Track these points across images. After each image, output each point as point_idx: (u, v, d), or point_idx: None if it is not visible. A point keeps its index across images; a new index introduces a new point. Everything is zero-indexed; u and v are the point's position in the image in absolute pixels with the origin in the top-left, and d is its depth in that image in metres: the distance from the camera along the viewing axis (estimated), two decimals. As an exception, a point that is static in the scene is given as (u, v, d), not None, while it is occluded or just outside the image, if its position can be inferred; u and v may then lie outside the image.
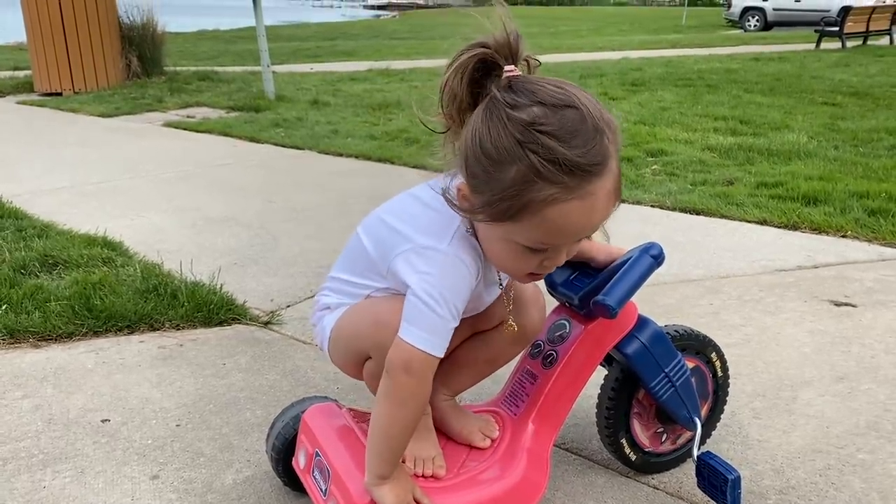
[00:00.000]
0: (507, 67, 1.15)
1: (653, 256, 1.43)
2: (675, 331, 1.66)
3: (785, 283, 2.82)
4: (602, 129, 1.10)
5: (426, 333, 1.21)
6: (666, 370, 1.55)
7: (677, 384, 1.56)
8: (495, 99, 1.12)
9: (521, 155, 1.08)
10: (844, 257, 3.09)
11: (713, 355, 1.71)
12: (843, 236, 3.34)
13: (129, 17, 9.15)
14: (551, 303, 1.57)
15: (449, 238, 1.23)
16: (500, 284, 1.40)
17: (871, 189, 3.86)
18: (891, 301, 2.63)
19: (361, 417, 1.48)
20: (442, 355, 1.23)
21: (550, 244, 1.17)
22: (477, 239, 1.25)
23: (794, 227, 3.47)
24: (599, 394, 1.63)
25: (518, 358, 1.59)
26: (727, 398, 1.76)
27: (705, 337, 1.70)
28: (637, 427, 1.64)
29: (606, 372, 1.63)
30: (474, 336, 1.55)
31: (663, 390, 1.56)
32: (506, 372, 1.63)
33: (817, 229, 3.43)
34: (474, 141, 1.13)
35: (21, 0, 8.51)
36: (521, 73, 1.17)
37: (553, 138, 1.07)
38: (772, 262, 3.03)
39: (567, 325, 1.53)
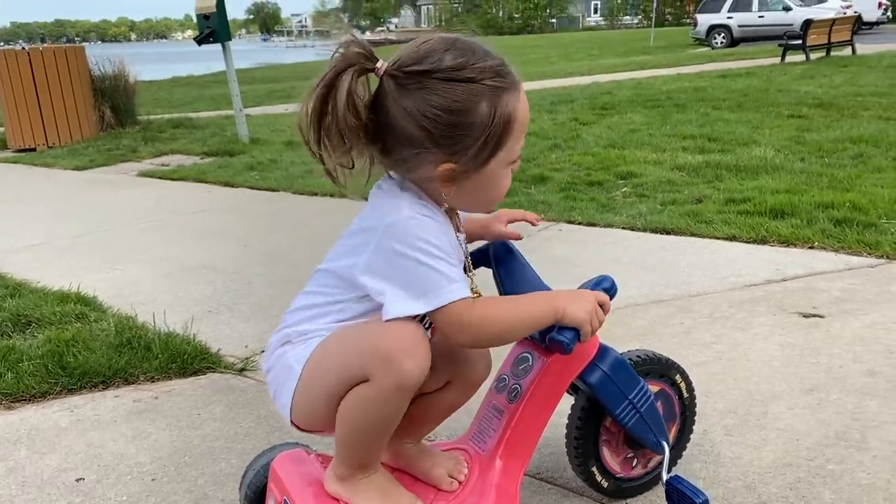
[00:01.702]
0: (378, 65, 1.23)
1: (605, 290, 1.45)
2: (638, 356, 1.69)
3: (754, 297, 2.86)
4: (479, 42, 1.28)
5: (449, 286, 1.23)
6: (630, 397, 1.57)
7: (642, 410, 1.58)
8: (410, 76, 1.21)
9: (480, 88, 1.21)
10: (812, 269, 3.14)
11: (677, 377, 1.73)
12: (810, 248, 3.40)
13: (100, 69, 9.21)
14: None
15: (405, 206, 1.26)
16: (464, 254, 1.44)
17: (835, 199, 3.93)
18: (858, 310, 2.67)
19: (328, 462, 1.48)
20: (468, 293, 1.26)
21: (520, 146, 1.30)
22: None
23: (763, 242, 3.52)
24: (567, 423, 1.65)
25: (483, 393, 1.61)
26: (695, 418, 1.78)
27: (668, 359, 1.72)
28: (607, 454, 1.66)
29: (573, 401, 1.65)
30: (423, 396, 1.53)
31: (629, 417, 1.57)
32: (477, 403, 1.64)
33: (785, 242, 3.48)
34: (421, 114, 1.20)
35: (-10, 58, 8.57)
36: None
37: (479, 59, 1.22)
38: (741, 278, 3.07)
39: (530, 357, 1.55)
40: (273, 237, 4.16)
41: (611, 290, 1.45)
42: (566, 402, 1.61)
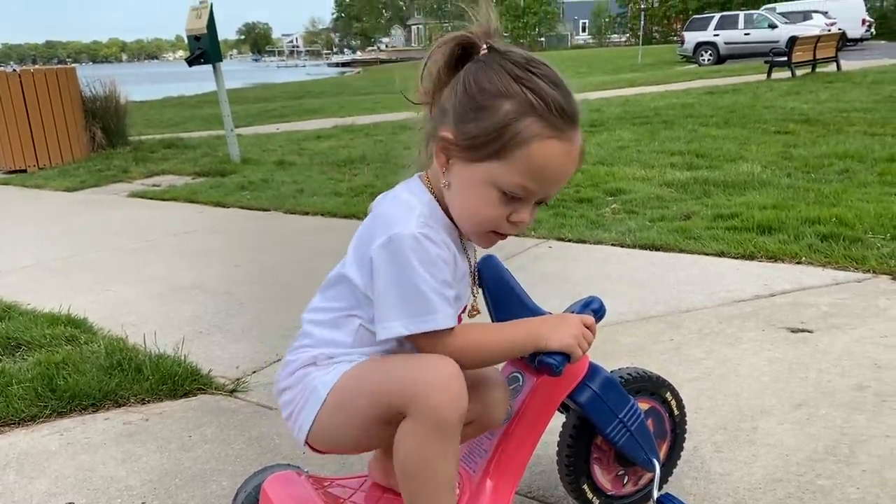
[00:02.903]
0: (485, 45, 1.27)
1: (593, 311, 1.47)
2: (629, 374, 1.70)
3: (743, 313, 2.88)
4: (574, 92, 1.26)
5: (434, 314, 1.23)
6: (620, 416, 1.58)
7: (632, 428, 1.59)
8: (489, 52, 1.25)
9: (518, 90, 1.20)
10: (800, 283, 3.16)
11: (668, 395, 1.74)
12: (797, 263, 3.43)
13: (91, 90, 9.21)
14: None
15: (413, 221, 1.25)
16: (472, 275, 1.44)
17: (822, 215, 3.97)
18: (845, 324, 2.70)
19: (320, 483, 1.49)
20: (452, 323, 1.26)
21: (528, 188, 1.23)
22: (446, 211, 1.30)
23: (751, 257, 3.55)
24: (559, 441, 1.65)
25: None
26: (686, 435, 1.79)
27: (658, 377, 1.73)
28: (598, 472, 1.67)
29: (564, 419, 1.66)
30: None
31: (619, 436, 1.58)
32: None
33: (773, 258, 3.51)
34: (467, 82, 1.24)
35: (-19, 80, 8.57)
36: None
37: (545, 80, 1.21)
38: (730, 294, 3.09)
39: (520, 377, 1.56)
40: (264, 257, 4.17)
41: (599, 312, 1.47)
42: (558, 420, 1.62)
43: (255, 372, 2.60)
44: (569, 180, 1.34)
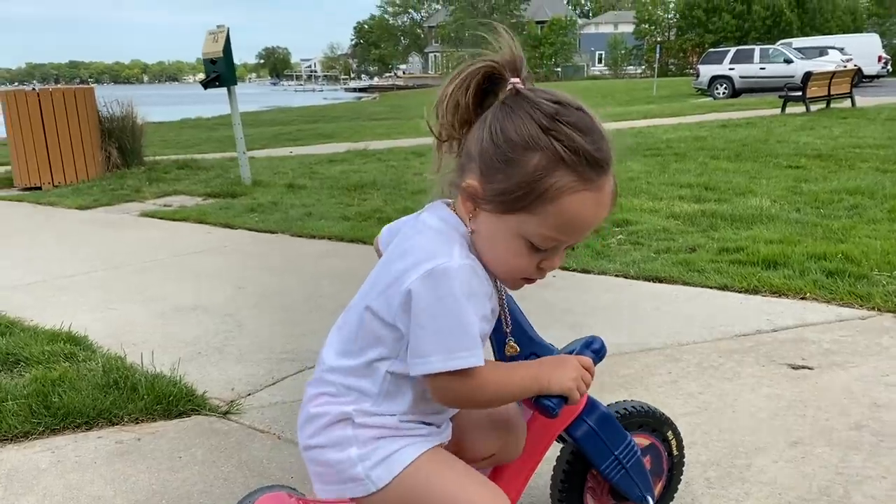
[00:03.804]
0: (512, 80, 1.23)
1: (594, 351, 1.46)
2: (633, 407, 1.69)
3: (744, 347, 2.85)
4: (606, 135, 1.22)
5: (470, 351, 1.19)
6: (616, 453, 1.57)
7: (628, 465, 1.58)
8: (516, 96, 1.21)
9: (547, 142, 1.16)
10: (803, 319, 3.13)
11: (669, 434, 1.74)
12: (802, 298, 3.40)
13: (108, 110, 9.34)
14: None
15: (455, 254, 1.21)
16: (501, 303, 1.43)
17: (828, 250, 3.94)
18: (847, 362, 2.67)
19: (310, 505, 1.48)
20: (482, 362, 1.21)
21: (558, 239, 1.21)
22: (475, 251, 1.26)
23: (755, 291, 3.52)
24: (554, 466, 1.65)
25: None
26: (682, 476, 1.77)
27: (662, 415, 1.73)
28: (590, 502, 1.65)
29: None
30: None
31: (614, 472, 1.57)
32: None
33: (777, 292, 3.48)
34: (494, 131, 1.19)
35: (1, 96, 8.71)
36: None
37: (574, 129, 1.17)
38: (731, 328, 3.07)
39: (519, 409, 1.55)
40: (268, 279, 4.18)
41: (600, 353, 1.46)
42: (553, 449, 1.61)
43: (249, 394, 2.60)
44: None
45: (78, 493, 1.99)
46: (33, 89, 8.87)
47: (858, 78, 18.49)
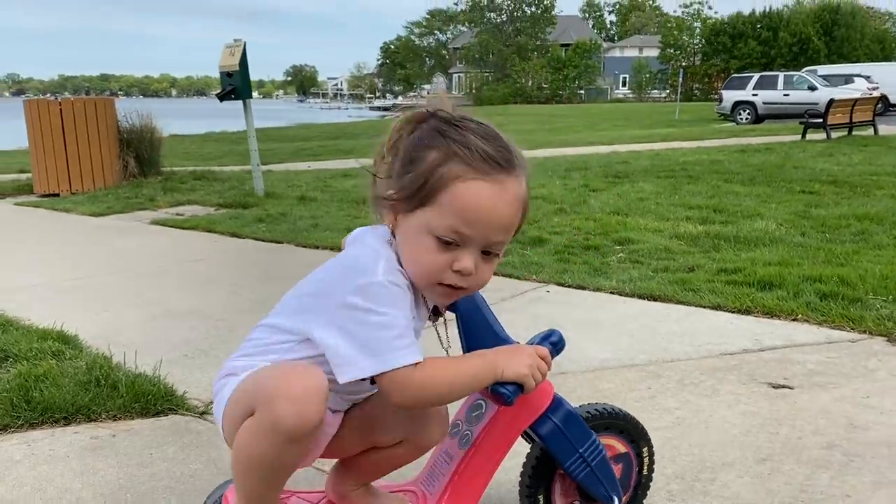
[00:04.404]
0: (426, 111, 1.35)
1: (552, 343, 1.47)
2: (597, 410, 1.70)
3: (727, 366, 2.84)
4: (514, 151, 1.31)
5: (398, 351, 1.28)
6: (580, 450, 1.58)
7: (593, 464, 1.58)
8: (430, 117, 1.34)
9: (441, 141, 1.29)
10: (791, 340, 3.11)
11: (645, 450, 1.75)
12: (793, 320, 3.37)
13: (128, 121, 9.51)
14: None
15: (380, 269, 1.30)
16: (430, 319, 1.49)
17: (825, 273, 3.91)
18: (829, 383, 2.64)
19: (288, 495, 1.50)
20: (420, 357, 1.30)
21: (460, 231, 1.27)
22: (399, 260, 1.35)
23: (747, 312, 3.50)
24: (522, 471, 1.66)
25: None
26: (645, 498, 1.77)
27: (643, 428, 1.75)
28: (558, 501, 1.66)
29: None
30: (376, 448, 1.59)
31: (578, 470, 1.58)
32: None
33: (769, 313, 3.46)
34: (405, 144, 1.33)
35: (24, 106, 8.90)
36: None
37: (471, 133, 1.29)
38: (717, 346, 3.05)
39: (483, 405, 1.57)
40: (266, 286, 4.22)
41: (558, 345, 1.48)
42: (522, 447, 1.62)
43: (229, 396, 2.62)
44: (523, 224, 1.38)
45: (47, 484, 2.02)
46: (55, 98, 9.05)
47: (885, 106, 18.34)
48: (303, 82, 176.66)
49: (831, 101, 15.05)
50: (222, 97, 7.82)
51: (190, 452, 2.20)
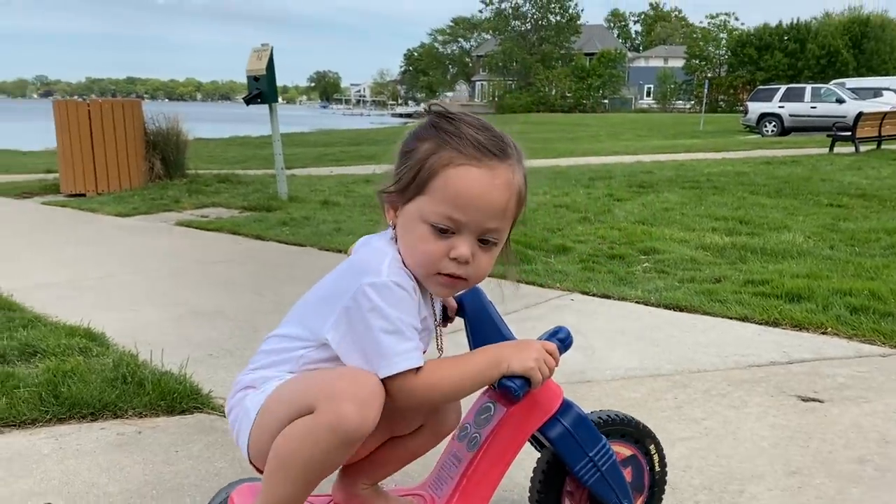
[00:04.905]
0: (424, 109, 1.41)
1: (560, 340, 1.46)
2: (616, 415, 1.68)
3: (755, 378, 2.80)
4: (508, 141, 1.34)
5: (397, 357, 1.29)
6: (590, 454, 1.56)
7: (603, 468, 1.56)
8: (427, 114, 1.38)
9: (433, 133, 1.32)
10: (820, 353, 3.06)
11: (652, 447, 1.72)
12: (822, 333, 3.32)
13: (154, 124, 9.61)
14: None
15: (385, 269, 1.32)
16: (436, 322, 1.50)
17: (855, 287, 3.85)
18: (860, 397, 2.59)
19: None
20: (422, 362, 1.31)
21: (453, 217, 1.29)
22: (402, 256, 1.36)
23: (775, 324, 3.45)
24: (532, 475, 1.64)
25: (447, 440, 1.61)
26: (664, 495, 1.74)
27: (645, 427, 1.71)
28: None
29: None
30: (393, 439, 1.58)
31: (588, 474, 1.56)
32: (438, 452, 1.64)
33: (798, 326, 3.41)
34: (403, 140, 1.38)
35: (53, 107, 9.03)
36: None
37: (464, 124, 1.32)
38: (745, 358, 3.01)
39: (492, 407, 1.55)
40: (289, 289, 4.23)
41: (566, 342, 1.47)
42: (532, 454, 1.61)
43: (253, 396, 2.63)
44: (521, 216, 1.40)
45: (74, 478, 2.04)
46: (84, 100, 9.16)
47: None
48: (326, 88, 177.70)
49: (860, 115, 14.87)
50: (249, 101, 7.89)
51: (215, 451, 2.21)
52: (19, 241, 5.92)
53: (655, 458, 1.74)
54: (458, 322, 1.66)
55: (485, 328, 1.61)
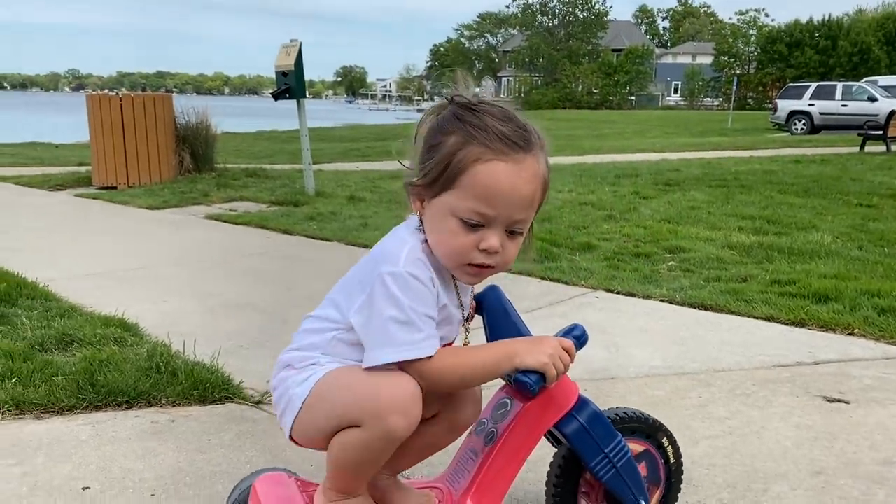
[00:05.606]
0: (447, 99, 1.42)
1: (575, 337, 1.49)
2: (624, 413, 1.70)
3: (780, 378, 2.80)
4: (532, 130, 1.36)
5: (411, 345, 1.34)
6: (606, 451, 1.58)
7: (619, 465, 1.58)
8: (450, 104, 1.40)
9: (459, 126, 1.34)
10: (847, 355, 3.05)
11: (664, 440, 1.73)
12: (849, 334, 3.31)
13: (184, 118, 9.74)
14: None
15: (403, 258, 1.36)
16: (462, 314, 1.52)
17: (884, 288, 3.82)
18: (887, 399, 2.59)
19: (307, 487, 1.54)
20: (432, 352, 1.35)
21: (482, 211, 1.32)
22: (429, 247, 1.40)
23: (801, 324, 3.44)
24: (548, 472, 1.67)
25: (465, 435, 1.65)
26: (681, 486, 1.76)
27: (655, 420, 1.72)
28: (584, 506, 1.66)
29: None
30: None
31: (604, 471, 1.58)
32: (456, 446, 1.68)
33: (824, 327, 3.40)
34: (425, 130, 1.40)
35: (86, 100, 9.19)
36: None
37: (488, 115, 1.34)
38: (770, 358, 3.01)
39: (509, 402, 1.58)
40: (317, 283, 4.28)
41: (581, 339, 1.49)
42: (548, 450, 1.63)
43: (282, 387, 2.68)
44: (545, 200, 1.42)
45: (111, 464, 2.10)
46: (116, 94, 9.31)
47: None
48: (352, 83, 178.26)
49: (892, 113, 14.66)
50: (277, 96, 7.97)
51: (246, 440, 2.26)
52: (54, 233, 6.05)
53: (669, 450, 1.76)
54: (478, 320, 1.69)
55: (502, 325, 1.64)
